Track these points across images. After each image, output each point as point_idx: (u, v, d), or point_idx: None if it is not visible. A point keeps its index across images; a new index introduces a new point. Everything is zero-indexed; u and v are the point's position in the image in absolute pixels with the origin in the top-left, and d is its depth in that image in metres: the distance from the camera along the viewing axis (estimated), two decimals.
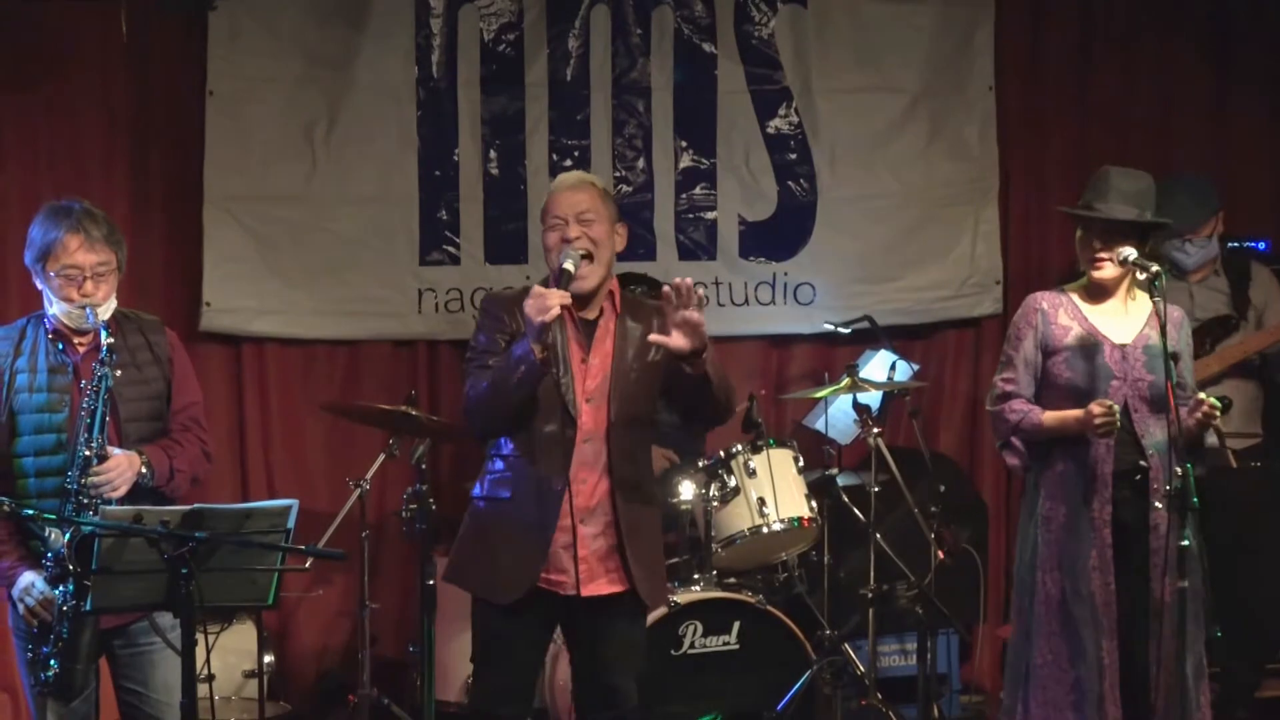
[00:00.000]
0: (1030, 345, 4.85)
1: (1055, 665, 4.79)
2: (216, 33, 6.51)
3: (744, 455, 5.88)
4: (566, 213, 4.43)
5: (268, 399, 6.67)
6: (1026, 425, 4.81)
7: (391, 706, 5.98)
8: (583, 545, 4.41)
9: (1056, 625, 4.78)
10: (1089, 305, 4.87)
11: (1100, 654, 4.73)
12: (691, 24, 6.86)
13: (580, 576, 4.41)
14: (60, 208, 4.42)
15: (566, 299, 4.28)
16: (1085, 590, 4.74)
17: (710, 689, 5.64)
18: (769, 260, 6.95)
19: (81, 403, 4.30)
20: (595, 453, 4.42)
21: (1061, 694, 4.77)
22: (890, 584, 6.02)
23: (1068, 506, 4.78)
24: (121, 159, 6.47)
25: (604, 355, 4.46)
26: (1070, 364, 4.80)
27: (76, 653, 4.22)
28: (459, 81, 6.72)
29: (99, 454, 4.27)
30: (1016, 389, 4.85)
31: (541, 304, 4.22)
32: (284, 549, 4.02)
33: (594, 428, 4.42)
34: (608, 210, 4.49)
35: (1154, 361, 4.76)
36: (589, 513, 4.42)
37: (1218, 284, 6.13)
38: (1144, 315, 4.85)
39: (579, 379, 4.42)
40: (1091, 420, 4.66)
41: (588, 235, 4.41)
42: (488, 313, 4.50)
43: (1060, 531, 4.79)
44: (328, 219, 6.64)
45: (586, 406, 4.42)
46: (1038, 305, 4.88)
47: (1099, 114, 7.15)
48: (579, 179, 4.55)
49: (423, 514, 5.39)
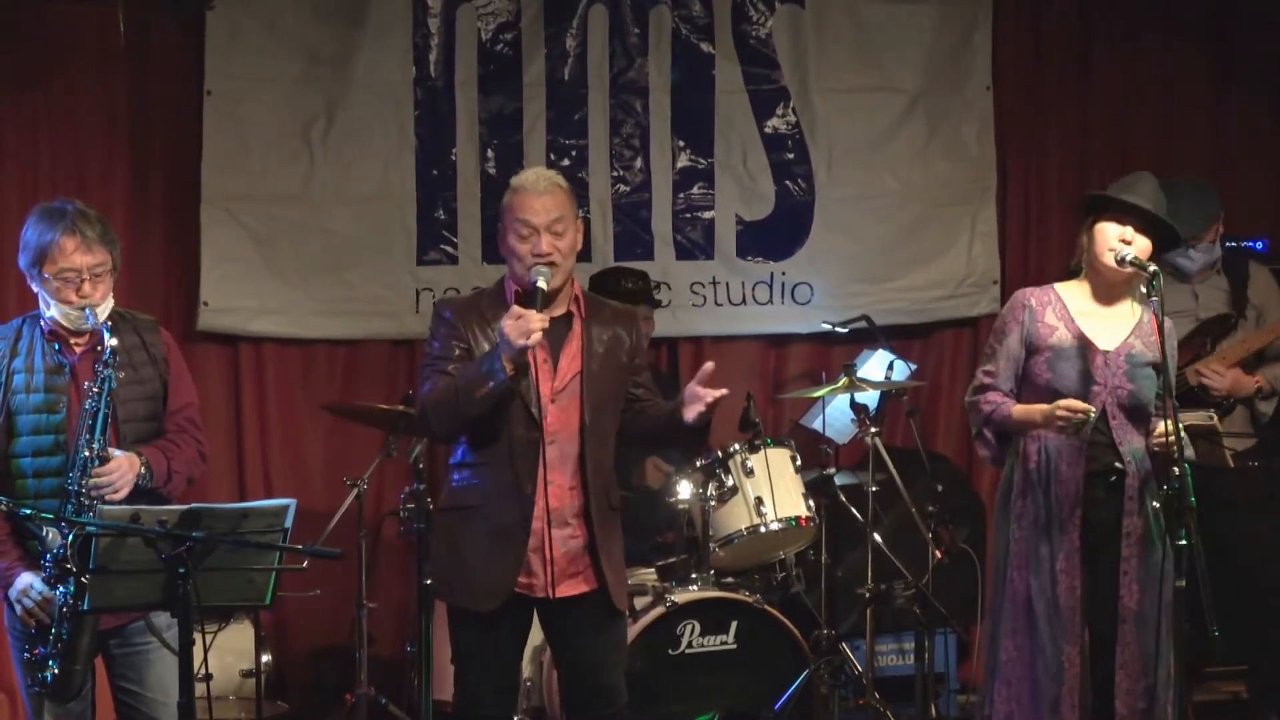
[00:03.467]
0: (1015, 340, 4.83)
1: (1019, 662, 4.80)
2: (214, 32, 6.51)
3: (741, 455, 5.87)
4: (538, 222, 4.36)
5: (265, 398, 6.67)
6: (997, 418, 4.81)
7: (389, 706, 5.98)
8: (554, 547, 4.39)
9: (1022, 622, 4.78)
10: (1079, 306, 4.84)
11: (1060, 656, 4.72)
12: (689, 24, 6.86)
13: (551, 578, 4.39)
14: (53, 209, 4.41)
15: (545, 322, 4.25)
16: (1050, 591, 4.74)
17: (708, 688, 5.63)
18: (766, 260, 6.95)
19: (84, 403, 4.29)
20: (563, 454, 4.39)
21: (1025, 691, 4.79)
22: (888, 583, 6.03)
23: (1038, 505, 4.77)
24: (120, 159, 6.48)
25: (572, 356, 4.43)
26: (1051, 365, 4.77)
27: (76, 653, 4.22)
28: (457, 81, 6.72)
29: (100, 455, 4.27)
30: (995, 382, 4.83)
31: (524, 327, 4.19)
32: (281, 548, 4.02)
33: (560, 429, 4.39)
34: (573, 213, 4.44)
35: (1135, 370, 4.75)
36: (559, 514, 4.39)
37: (1219, 283, 6.13)
38: (1131, 324, 4.83)
39: (542, 380, 4.39)
40: (1054, 415, 4.65)
41: (559, 249, 4.35)
42: (442, 319, 4.45)
43: (1030, 529, 4.79)
44: (325, 218, 6.65)
45: (552, 407, 4.39)
46: (1025, 301, 4.87)
47: (1098, 114, 7.15)
48: (548, 182, 4.44)
49: (420, 513, 5.38)
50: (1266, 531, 6.06)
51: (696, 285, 6.91)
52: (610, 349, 4.47)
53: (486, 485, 4.40)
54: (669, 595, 5.59)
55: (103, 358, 4.29)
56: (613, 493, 4.52)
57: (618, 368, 4.49)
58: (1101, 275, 4.83)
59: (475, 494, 4.43)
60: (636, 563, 5.84)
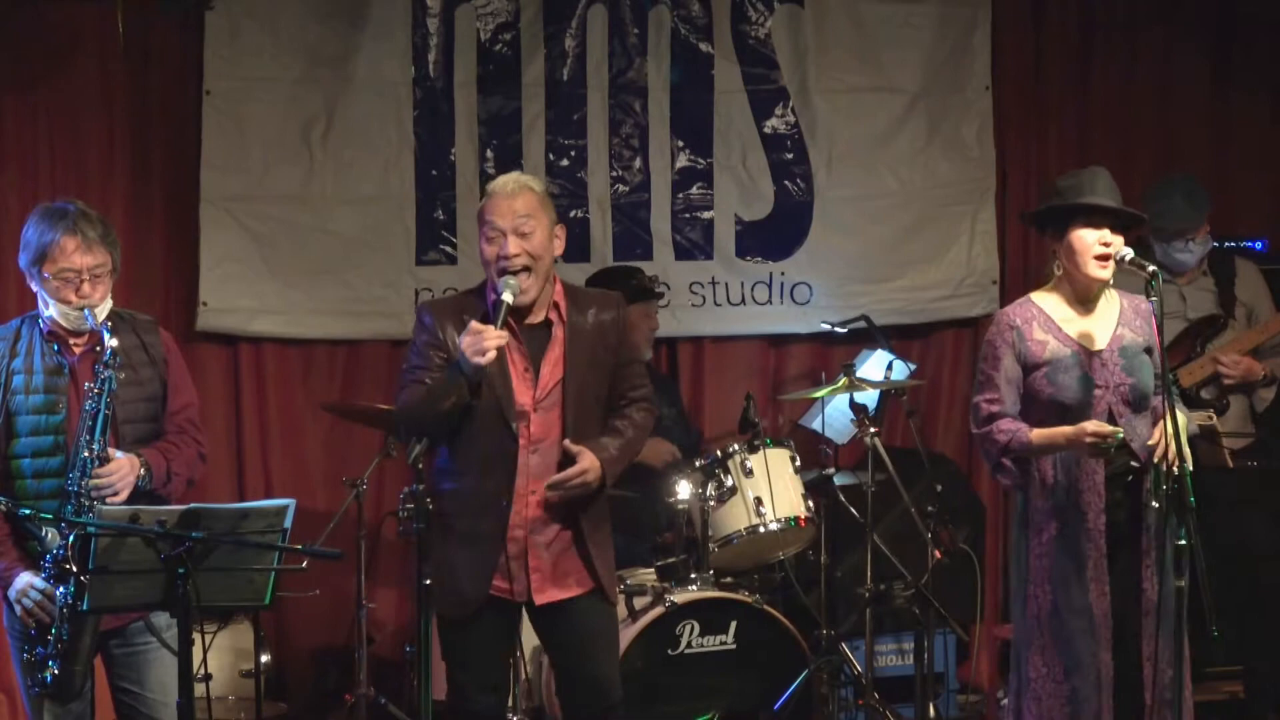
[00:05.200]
0: (1010, 362, 4.74)
1: (1049, 678, 4.73)
2: (214, 32, 6.51)
3: (741, 455, 5.88)
4: (504, 223, 4.34)
5: (265, 399, 6.67)
6: (1016, 445, 4.72)
7: (388, 706, 5.98)
8: (534, 555, 4.39)
9: (1048, 638, 4.73)
10: (1062, 313, 4.78)
11: (1098, 665, 4.70)
12: (688, 24, 6.86)
13: (532, 585, 4.39)
14: (55, 209, 4.41)
15: (504, 339, 4.24)
16: (1081, 603, 4.69)
17: (707, 688, 5.63)
18: (766, 260, 6.95)
19: (84, 404, 4.29)
20: (546, 463, 4.38)
21: (1057, 706, 4.73)
22: (887, 583, 6.02)
23: (1059, 519, 4.72)
24: (120, 159, 6.48)
25: (554, 363, 4.41)
26: (1051, 379, 4.72)
27: (76, 654, 4.22)
28: (456, 81, 6.72)
29: (100, 456, 4.27)
30: (1002, 408, 4.75)
31: (479, 344, 4.19)
32: (281, 549, 4.02)
33: (544, 437, 4.38)
34: (546, 216, 4.41)
35: (1131, 362, 4.72)
36: (539, 522, 4.39)
37: (1206, 284, 6.14)
38: (1114, 315, 4.79)
39: (523, 390, 4.38)
40: (1083, 439, 4.61)
41: (526, 251, 4.33)
42: (423, 324, 4.44)
43: (1051, 544, 4.73)
44: (325, 219, 6.65)
45: (535, 416, 4.38)
46: (1010, 322, 4.78)
47: (1097, 114, 7.15)
48: (517, 184, 4.42)
49: (419, 514, 5.33)
50: (1265, 531, 6.06)
51: (696, 285, 6.91)
52: (594, 348, 4.44)
53: (464, 494, 4.41)
54: (668, 595, 5.58)
55: (103, 359, 4.29)
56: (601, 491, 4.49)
57: (602, 370, 4.47)
58: (1080, 282, 4.76)
59: (453, 502, 4.43)
60: (636, 563, 5.85)
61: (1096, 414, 4.68)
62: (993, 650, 6.74)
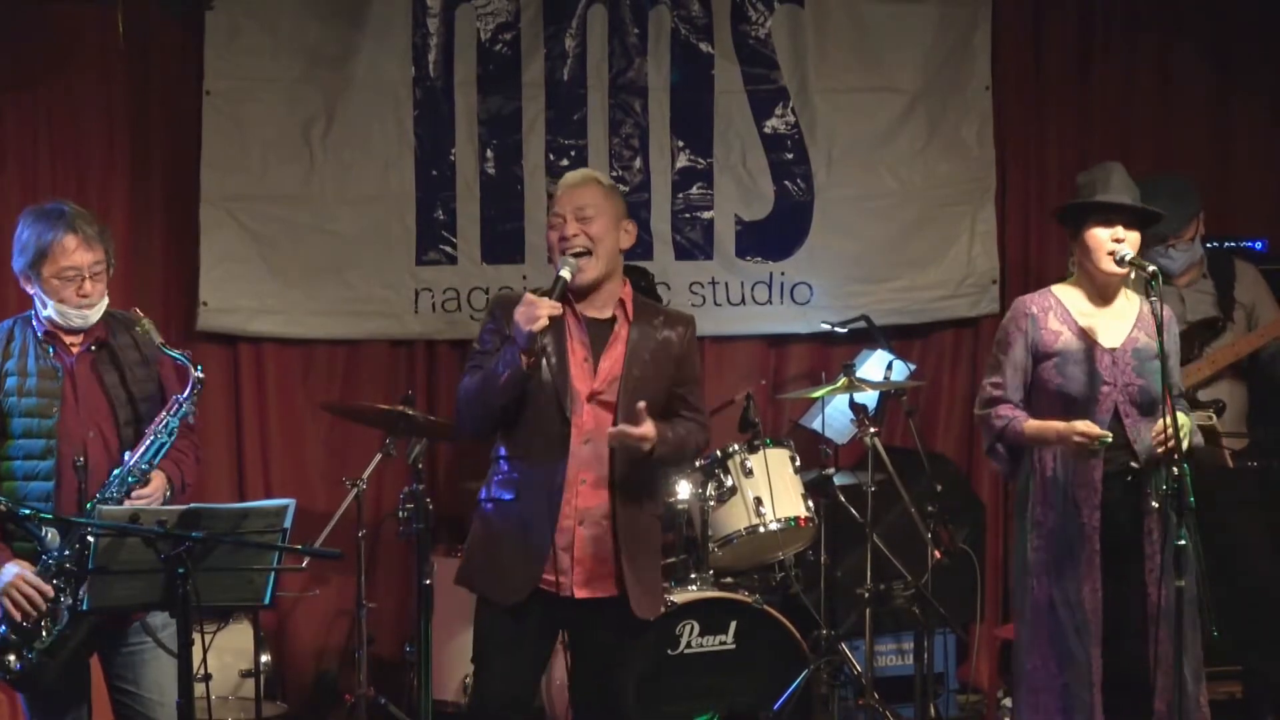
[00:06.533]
0: (1020, 350, 4.81)
1: (1044, 671, 4.77)
2: (214, 32, 6.52)
3: (741, 455, 5.88)
4: (565, 210, 4.45)
5: (264, 399, 6.67)
6: (1010, 432, 4.78)
7: (388, 706, 5.99)
8: (580, 547, 4.40)
9: (1045, 631, 4.76)
10: (1081, 308, 4.83)
11: (1090, 661, 4.71)
12: (688, 24, 6.86)
13: (575, 579, 4.40)
14: (49, 210, 4.41)
15: (557, 309, 4.29)
16: (1074, 597, 4.72)
17: (707, 689, 5.64)
18: (766, 260, 6.95)
19: (157, 425, 4.31)
20: (596, 455, 4.40)
21: (1051, 700, 4.76)
22: (887, 583, 6.03)
23: (1057, 512, 4.75)
24: (120, 159, 6.48)
25: (614, 359, 4.45)
26: (1060, 369, 4.76)
27: (59, 649, 4.19)
28: (456, 81, 6.72)
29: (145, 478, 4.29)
30: (1004, 393, 4.80)
31: (531, 312, 4.25)
32: (281, 549, 4.03)
33: (596, 429, 4.40)
34: (611, 206, 4.49)
35: (1144, 365, 4.74)
36: (588, 514, 4.40)
37: (1205, 286, 6.11)
38: (1132, 317, 4.83)
39: (580, 379, 4.41)
40: (1072, 438, 4.64)
41: (585, 232, 4.41)
42: (492, 315, 4.51)
43: (1049, 538, 4.76)
44: (325, 219, 6.65)
45: (588, 406, 4.41)
46: (1027, 310, 4.84)
47: (1097, 114, 7.14)
48: (583, 176, 4.57)
49: (419, 514, 5.37)
50: (1265, 531, 6.06)
51: (696, 285, 6.91)
52: (657, 356, 4.48)
53: (521, 480, 4.43)
54: (668, 595, 5.58)
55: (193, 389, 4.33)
56: (649, 502, 4.52)
57: (663, 377, 4.49)
58: (1097, 279, 4.82)
59: (511, 487, 4.45)
60: None
61: (1102, 410, 4.70)
62: (993, 650, 6.74)
